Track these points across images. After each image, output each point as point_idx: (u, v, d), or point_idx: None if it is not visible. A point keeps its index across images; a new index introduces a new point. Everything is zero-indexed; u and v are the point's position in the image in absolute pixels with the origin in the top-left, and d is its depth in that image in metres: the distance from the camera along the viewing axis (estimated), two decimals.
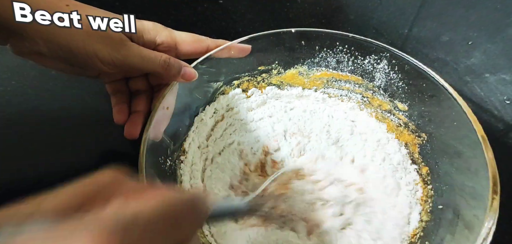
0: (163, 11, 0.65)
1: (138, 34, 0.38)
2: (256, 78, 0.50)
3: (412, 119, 0.46)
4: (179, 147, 0.43)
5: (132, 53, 0.37)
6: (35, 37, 0.34)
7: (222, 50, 0.44)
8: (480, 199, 0.32)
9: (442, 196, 0.39)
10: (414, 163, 0.44)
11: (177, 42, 0.42)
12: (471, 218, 0.33)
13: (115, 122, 0.41)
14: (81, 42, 0.35)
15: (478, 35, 0.62)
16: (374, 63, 0.47)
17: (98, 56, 0.35)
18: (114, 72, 0.39)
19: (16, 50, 0.36)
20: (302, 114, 0.50)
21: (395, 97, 0.47)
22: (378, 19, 0.66)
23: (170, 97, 0.40)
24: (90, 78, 0.42)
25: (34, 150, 0.46)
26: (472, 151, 0.36)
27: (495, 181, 0.32)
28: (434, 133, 0.43)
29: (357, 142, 0.46)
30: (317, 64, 0.50)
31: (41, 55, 0.36)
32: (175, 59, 0.39)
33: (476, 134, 0.35)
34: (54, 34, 0.34)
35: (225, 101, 0.49)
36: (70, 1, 0.35)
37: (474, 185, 0.35)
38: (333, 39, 0.47)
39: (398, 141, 0.46)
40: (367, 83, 0.49)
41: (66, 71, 0.39)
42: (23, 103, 0.50)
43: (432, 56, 0.59)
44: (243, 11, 0.66)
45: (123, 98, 0.43)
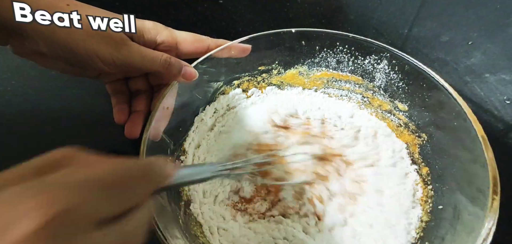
0: (163, 11, 0.65)
1: (138, 33, 0.38)
2: (256, 78, 0.50)
3: (412, 119, 0.46)
4: (179, 147, 0.43)
5: (133, 53, 0.37)
6: (35, 37, 0.34)
7: (223, 50, 0.44)
8: (480, 200, 0.32)
9: (442, 196, 0.39)
10: (414, 163, 0.44)
11: (177, 41, 0.42)
12: (471, 219, 0.33)
13: (116, 122, 0.41)
14: (81, 42, 0.35)
15: (478, 35, 0.62)
16: (375, 63, 0.47)
17: (99, 56, 0.35)
18: (115, 72, 0.39)
19: (17, 51, 0.36)
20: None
21: (395, 98, 0.47)
22: (378, 19, 0.66)
23: (170, 97, 0.40)
24: (91, 78, 0.42)
25: (34, 150, 0.45)
26: (472, 151, 0.36)
27: (495, 181, 0.32)
28: (434, 133, 0.43)
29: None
30: (317, 64, 0.50)
31: (42, 55, 0.36)
32: (175, 59, 0.39)
33: (476, 134, 0.35)
34: (55, 34, 0.34)
35: (225, 101, 0.49)
36: (71, 1, 0.35)
37: (474, 185, 0.34)
38: (333, 39, 0.47)
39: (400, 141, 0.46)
40: (367, 83, 0.49)
41: (66, 71, 0.39)
42: (23, 103, 0.50)
43: (432, 56, 0.59)
44: (243, 11, 0.66)
45: (123, 98, 0.43)
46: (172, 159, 0.41)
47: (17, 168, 0.19)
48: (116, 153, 0.45)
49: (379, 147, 0.45)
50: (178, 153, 0.43)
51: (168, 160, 0.40)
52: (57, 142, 0.47)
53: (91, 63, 0.36)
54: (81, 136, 0.48)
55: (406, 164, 0.44)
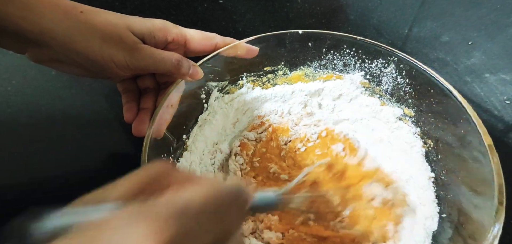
0: (163, 11, 0.65)
1: (150, 35, 0.39)
2: (261, 78, 0.50)
3: (418, 125, 0.45)
4: (182, 145, 0.43)
5: (145, 56, 0.38)
6: (53, 45, 0.35)
7: (229, 50, 0.44)
8: (486, 208, 0.32)
9: (447, 204, 0.39)
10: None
11: (186, 40, 0.42)
12: (475, 227, 0.33)
13: (125, 121, 0.42)
14: (97, 49, 0.36)
15: (478, 35, 0.62)
16: (382, 67, 0.46)
17: (114, 61, 0.37)
18: (128, 74, 0.40)
19: (34, 58, 0.37)
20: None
21: (402, 102, 0.46)
22: (378, 19, 0.66)
23: (174, 95, 0.40)
24: (104, 79, 0.42)
25: (34, 150, 0.46)
26: (478, 159, 0.35)
27: (501, 190, 0.32)
28: (440, 140, 0.42)
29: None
30: (323, 66, 0.49)
31: (59, 62, 0.37)
32: (186, 59, 0.40)
33: (483, 142, 0.35)
34: (72, 43, 0.35)
35: (230, 100, 0.49)
36: (84, 7, 0.36)
37: (480, 193, 0.34)
38: (340, 42, 0.47)
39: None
40: (374, 87, 0.48)
41: (82, 75, 0.40)
42: (23, 103, 0.50)
43: (432, 56, 0.59)
44: (243, 11, 0.66)
45: (133, 96, 0.43)
46: (173, 157, 0.42)
47: (123, 182, 0.20)
48: (117, 151, 0.46)
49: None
50: (181, 150, 0.43)
51: (247, 183, 0.41)
52: (57, 141, 0.47)
53: (107, 67, 0.37)
54: (81, 136, 0.48)
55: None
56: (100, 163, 0.45)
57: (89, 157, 0.46)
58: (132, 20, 0.38)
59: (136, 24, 0.38)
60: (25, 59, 0.37)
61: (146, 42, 0.39)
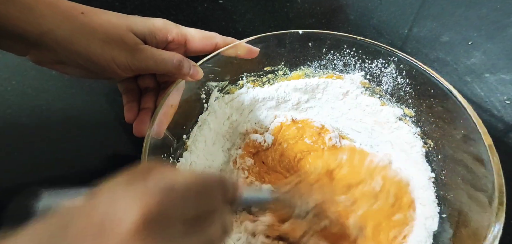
0: (163, 11, 0.65)
1: (150, 35, 0.39)
2: (261, 78, 0.50)
3: (418, 125, 0.45)
4: (182, 145, 0.43)
5: (147, 56, 0.38)
6: (54, 47, 0.34)
7: (230, 50, 0.44)
8: (486, 209, 0.32)
9: (447, 204, 0.39)
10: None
11: (187, 39, 0.42)
12: (476, 227, 0.33)
13: (126, 121, 0.42)
14: (99, 50, 0.36)
15: (478, 35, 0.62)
16: (382, 67, 0.46)
17: (116, 62, 0.37)
18: (130, 75, 0.40)
19: (36, 60, 0.37)
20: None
21: (402, 103, 0.46)
22: (378, 19, 0.66)
23: (175, 95, 0.40)
24: (105, 79, 0.42)
25: (34, 150, 0.46)
26: (478, 159, 0.35)
27: (501, 190, 0.32)
28: (440, 140, 0.42)
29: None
30: (323, 66, 0.49)
31: (60, 64, 0.37)
32: (187, 59, 0.40)
33: (483, 143, 0.35)
34: (72, 43, 0.35)
35: (230, 100, 0.49)
36: (84, 8, 0.36)
37: (480, 194, 0.34)
38: (340, 42, 0.46)
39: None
40: (374, 87, 0.48)
41: (83, 76, 0.40)
42: (23, 103, 0.50)
43: (432, 56, 0.59)
44: (243, 11, 0.66)
45: (134, 96, 0.43)
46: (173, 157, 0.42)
47: (122, 175, 0.23)
48: (117, 151, 0.46)
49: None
50: (181, 150, 0.43)
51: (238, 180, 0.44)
52: (57, 141, 0.47)
53: (108, 68, 0.37)
54: (81, 136, 0.48)
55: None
56: (100, 163, 0.45)
57: (89, 157, 0.46)
58: (133, 20, 0.38)
59: (137, 25, 0.38)
60: (25, 59, 0.37)
61: (147, 42, 0.39)
